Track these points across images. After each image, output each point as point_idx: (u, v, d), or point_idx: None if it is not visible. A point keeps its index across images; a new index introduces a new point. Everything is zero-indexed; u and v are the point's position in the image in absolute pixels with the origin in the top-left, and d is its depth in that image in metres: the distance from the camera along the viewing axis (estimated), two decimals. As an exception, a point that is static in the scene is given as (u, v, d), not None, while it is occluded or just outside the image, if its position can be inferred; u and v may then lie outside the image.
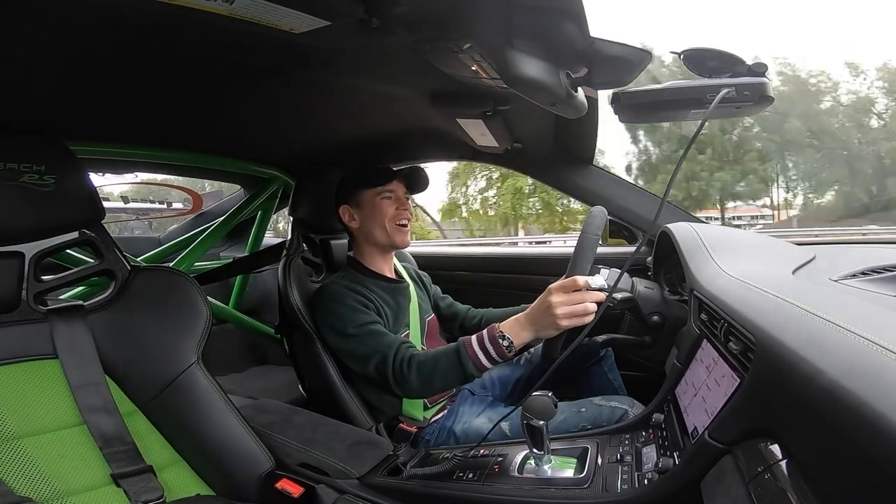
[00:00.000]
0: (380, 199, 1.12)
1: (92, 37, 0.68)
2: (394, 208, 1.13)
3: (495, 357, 0.87)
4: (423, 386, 0.93)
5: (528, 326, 0.86)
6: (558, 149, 1.42)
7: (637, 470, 0.70)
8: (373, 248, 1.16)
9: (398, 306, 1.12)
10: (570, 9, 0.57)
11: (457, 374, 0.89)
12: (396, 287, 1.16)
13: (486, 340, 0.87)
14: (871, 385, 0.33)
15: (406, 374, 0.92)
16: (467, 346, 0.88)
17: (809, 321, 0.46)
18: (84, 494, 0.69)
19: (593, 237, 0.85)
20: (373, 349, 0.98)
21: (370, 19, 0.63)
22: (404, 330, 1.11)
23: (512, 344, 0.86)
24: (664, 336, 0.98)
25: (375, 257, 1.17)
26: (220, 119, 1.15)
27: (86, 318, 0.80)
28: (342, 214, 1.16)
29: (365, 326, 1.00)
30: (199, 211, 2.30)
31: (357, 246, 1.19)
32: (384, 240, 1.13)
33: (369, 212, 1.13)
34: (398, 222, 1.13)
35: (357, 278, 1.11)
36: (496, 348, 0.87)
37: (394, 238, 1.13)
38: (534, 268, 1.64)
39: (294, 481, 0.80)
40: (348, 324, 1.01)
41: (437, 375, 0.90)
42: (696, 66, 0.67)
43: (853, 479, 0.34)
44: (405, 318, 1.12)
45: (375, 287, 1.10)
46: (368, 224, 1.13)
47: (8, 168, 0.71)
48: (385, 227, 1.12)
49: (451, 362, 0.89)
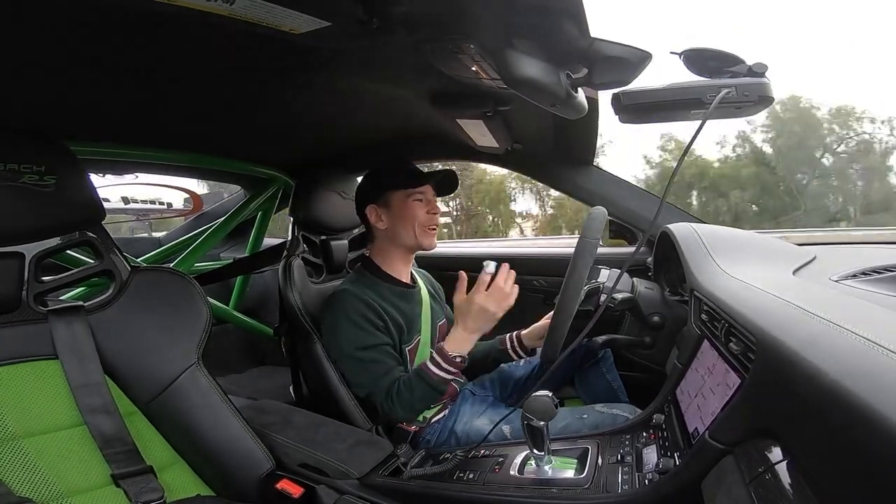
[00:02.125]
0: (411, 200, 1.09)
1: (92, 37, 0.68)
2: (424, 211, 1.09)
3: (453, 371, 0.97)
4: (409, 412, 1.00)
5: (468, 336, 0.98)
6: (558, 149, 1.42)
7: (638, 470, 0.70)
8: (398, 249, 1.13)
9: (412, 312, 1.11)
10: (570, 9, 0.57)
11: (431, 393, 0.97)
12: (410, 292, 1.14)
13: (440, 360, 0.97)
14: (872, 385, 0.33)
15: (393, 407, 0.98)
16: (427, 371, 0.97)
17: (810, 321, 0.46)
18: (84, 495, 0.69)
19: (592, 240, 0.85)
20: (370, 379, 1.00)
21: (370, 20, 0.63)
22: (416, 337, 1.10)
23: (460, 355, 0.97)
24: (665, 336, 0.98)
25: (396, 260, 1.13)
26: (220, 119, 1.15)
27: (86, 318, 0.80)
28: (369, 214, 1.12)
29: (368, 351, 1.00)
30: (199, 212, 2.31)
31: (377, 247, 1.15)
32: (412, 242, 1.10)
33: (399, 213, 1.09)
34: (429, 226, 1.11)
35: (371, 281, 1.09)
36: (450, 363, 0.97)
37: (422, 241, 1.10)
38: (534, 268, 1.63)
39: (294, 482, 0.80)
40: (352, 343, 1.00)
41: (417, 401, 0.98)
42: (696, 66, 0.67)
43: (854, 479, 0.34)
44: (417, 325, 1.11)
45: (389, 293, 1.08)
46: (397, 226, 1.10)
47: (8, 168, 0.71)
48: (414, 230, 1.09)
49: (423, 387, 0.96)
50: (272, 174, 1.62)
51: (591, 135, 1.32)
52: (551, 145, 1.40)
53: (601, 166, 1.50)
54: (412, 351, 1.09)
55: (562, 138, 1.34)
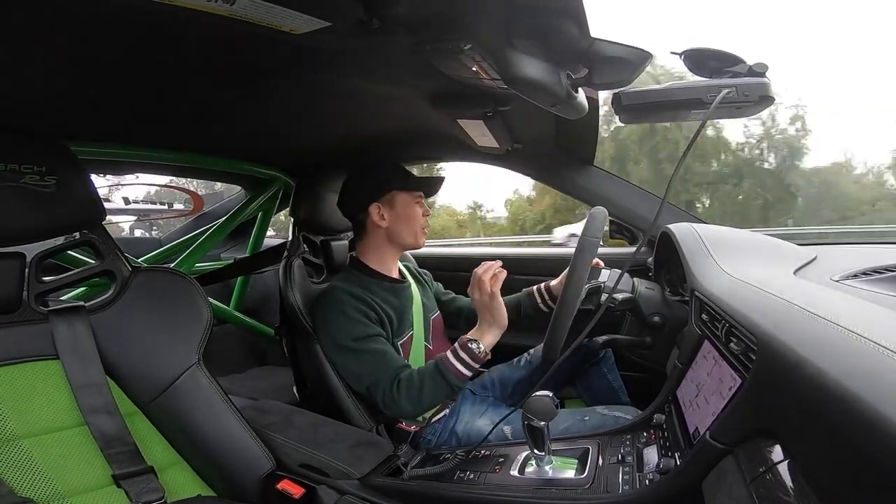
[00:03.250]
0: (414, 202, 1.14)
1: (92, 38, 0.68)
2: (422, 213, 1.15)
3: (471, 363, 0.94)
4: (415, 407, 0.96)
5: (488, 329, 0.96)
6: (559, 149, 1.42)
7: (638, 471, 0.70)
8: (392, 247, 1.15)
9: (402, 307, 1.12)
10: (571, 9, 0.57)
11: (443, 388, 0.94)
12: (399, 287, 1.15)
13: (460, 350, 0.95)
14: (873, 385, 0.33)
15: (396, 398, 0.95)
16: (445, 361, 0.95)
17: (811, 322, 0.46)
18: (85, 495, 0.69)
19: (593, 240, 0.85)
20: (368, 370, 0.99)
21: (370, 20, 0.63)
22: (409, 331, 1.11)
23: (481, 347, 0.94)
24: (665, 337, 0.98)
25: (388, 258, 1.16)
26: (220, 120, 1.15)
27: (87, 318, 0.80)
28: (371, 212, 1.12)
29: (363, 341, 1.00)
30: (199, 212, 2.31)
31: (370, 244, 1.15)
32: (411, 241, 1.15)
33: (403, 214, 1.12)
34: (424, 227, 1.16)
35: (361, 280, 1.10)
36: (469, 354, 0.94)
37: (419, 241, 1.16)
38: (534, 268, 1.63)
39: (295, 482, 0.80)
40: (347, 335, 1.00)
41: (426, 394, 0.95)
42: (696, 66, 0.67)
43: (854, 479, 0.34)
44: (409, 319, 1.12)
45: (378, 289, 1.10)
46: (399, 225, 1.13)
47: (9, 169, 0.71)
48: (415, 231, 1.14)
49: (435, 379, 0.94)
50: (272, 174, 1.62)
51: (591, 135, 1.32)
52: (552, 145, 1.40)
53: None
54: (405, 345, 1.09)
55: (562, 138, 1.34)
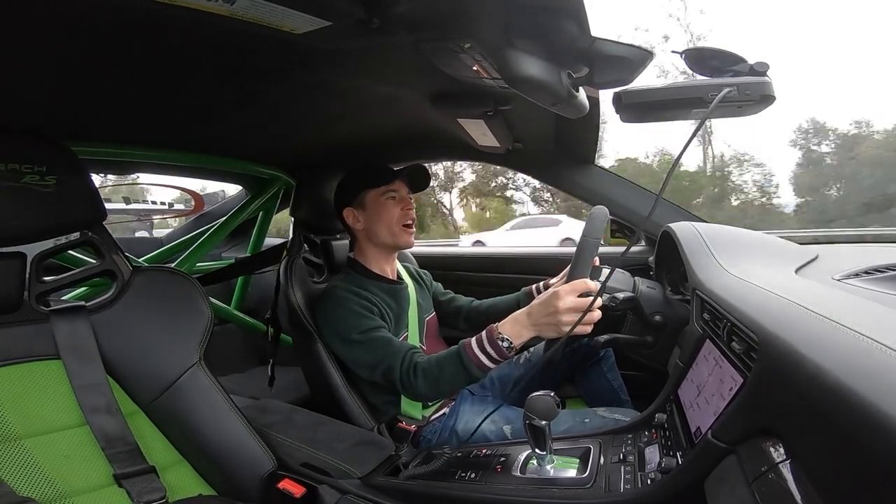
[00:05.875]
0: (384, 199, 1.11)
1: (93, 37, 0.68)
2: (399, 209, 1.12)
3: (496, 357, 0.86)
4: (431, 391, 0.92)
5: (528, 326, 0.84)
6: (559, 148, 1.42)
7: (640, 470, 0.70)
8: (377, 249, 1.15)
9: (399, 308, 1.12)
10: (571, 8, 0.57)
11: (462, 376, 0.88)
12: (397, 288, 1.15)
13: (486, 342, 0.87)
14: (875, 384, 0.33)
15: (413, 382, 0.92)
16: (467, 349, 0.88)
17: (813, 321, 0.46)
18: (86, 495, 0.69)
19: (593, 239, 0.85)
20: (379, 357, 0.97)
21: (370, 19, 0.63)
22: (404, 332, 1.11)
23: (511, 344, 0.85)
24: (666, 336, 0.98)
25: (378, 258, 1.16)
26: (221, 120, 1.15)
27: (88, 318, 0.81)
28: (346, 217, 1.14)
29: (370, 332, 1.00)
30: (200, 212, 2.31)
31: (359, 247, 1.17)
32: (389, 241, 1.13)
33: (374, 213, 1.12)
34: (404, 223, 1.13)
35: (358, 280, 1.11)
36: (496, 349, 0.86)
37: (398, 239, 1.13)
38: (532, 267, 1.63)
39: (296, 481, 0.80)
40: (353, 329, 1.00)
41: (443, 380, 0.90)
42: (697, 65, 0.67)
43: (857, 478, 0.34)
44: (405, 320, 1.12)
45: (376, 289, 1.10)
46: (373, 225, 1.12)
47: (9, 169, 0.71)
48: (391, 228, 1.11)
49: (455, 366, 0.88)
50: (273, 174, 1.62)
51: (592, 134, 1.32)
52: (552, 145, 1.40)
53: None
54: None
55: (563, 138, 1.34)
